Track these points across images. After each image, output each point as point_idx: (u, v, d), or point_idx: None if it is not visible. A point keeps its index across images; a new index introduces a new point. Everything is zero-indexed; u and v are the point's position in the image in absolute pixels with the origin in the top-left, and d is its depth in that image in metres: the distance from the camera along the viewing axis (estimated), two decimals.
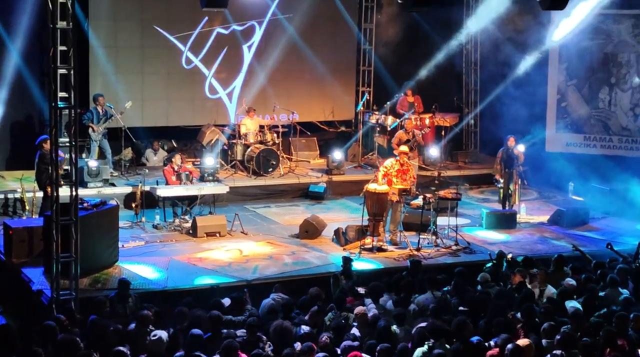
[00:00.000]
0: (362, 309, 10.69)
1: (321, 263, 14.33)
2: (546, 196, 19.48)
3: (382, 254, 14.85)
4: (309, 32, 20.34)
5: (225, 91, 20.25)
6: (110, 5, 18.81)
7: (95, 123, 17.62)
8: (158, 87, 19.59)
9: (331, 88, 21.04)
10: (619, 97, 19.80)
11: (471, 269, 13.01)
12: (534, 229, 16.84)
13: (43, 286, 12.50)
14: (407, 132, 18.38)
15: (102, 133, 17.82)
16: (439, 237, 15.39)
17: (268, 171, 18.68)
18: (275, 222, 16.84)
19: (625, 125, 19.80)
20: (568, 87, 20.21)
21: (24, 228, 13.72)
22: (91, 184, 16.93)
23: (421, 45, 20.96)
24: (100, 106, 17.75)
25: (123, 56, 19.17)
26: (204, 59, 19.88)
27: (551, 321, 10.26)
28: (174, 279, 13.28)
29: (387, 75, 21.23)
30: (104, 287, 12.74)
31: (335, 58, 21.04)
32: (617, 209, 17.83)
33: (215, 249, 14.87)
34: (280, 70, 20.33)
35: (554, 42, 19.80)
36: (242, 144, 18.92)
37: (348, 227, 15.39)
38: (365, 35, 21.38)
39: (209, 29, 19.75)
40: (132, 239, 15.06)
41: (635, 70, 19.57)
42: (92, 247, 12.91)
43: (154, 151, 19.39)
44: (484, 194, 19.50)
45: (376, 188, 15.03)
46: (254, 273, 13.71)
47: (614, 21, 19.54)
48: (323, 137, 21.24)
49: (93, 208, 13.28)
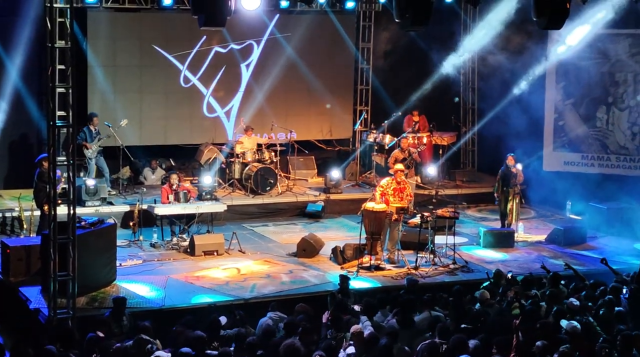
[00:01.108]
0: (358, 327, 10.67)
1: (319, 282, 14.32)
2: (544, 214, 19.49)
3: (379, 272, 14.84)
4: (306, 51, 20.40)
5: (223, 110, 20.29)
6: (109, 25, 18.87)
7: (89, 142, 17.65)
8: (156, 105, 19.63)
9: (329, 107, 21.08)
10: (617, 116, 19.84)
11: (469, 288, 12.99)
12: (532, 248, 16.84)
13: (40, 304, 12.48)
14: (402, 150, 18.40)
15: (98, 151, 17.84)
16: (436, 255, 15.38)
17: (266, 190, 18.69)
18: (273, 241, 16.83)
19: (623, 144, 19.82)
20: (565, 106, 20.24)
21: (22, 247, 13.71)
22: (89, 203, 16.92)
23: (419, 64, 21.02)
24: (93, 126, 17.79)
25: (121, 75, 19.22)
26: (202, 78, 19.93)
27: (548, 339, 10.23)
28: (172, 297, 13.26)
29: (385, 94, 21.27)
30: (102, 306, 12.72)
31: (332, 77, 21.10)
32: (615, 228, 17.83)
33: (213, 268, 14.86)
34: (278, 89, 20.37)
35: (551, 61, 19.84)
36: (240, 162, 18.93)
37: (346, 245, 15.39)
38: (362, 54, 21.45)
39: (207, 47, 19.81)
40: (129, 258, 15.05)
41: (632, 89, 19.61)
42: (89, 266, 12.89)
43: (152, 170, 19.40)
44: (481, 212, 19.50)
45: (374, 207, 15.04)
46: (252, 292, 13.70)
47: (611, 41, 19.59)
48: (321, 156, 21.25)
49: (91, 227, 13.28)
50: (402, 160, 17.82)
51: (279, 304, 12.20)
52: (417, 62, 21.05)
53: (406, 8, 12.86)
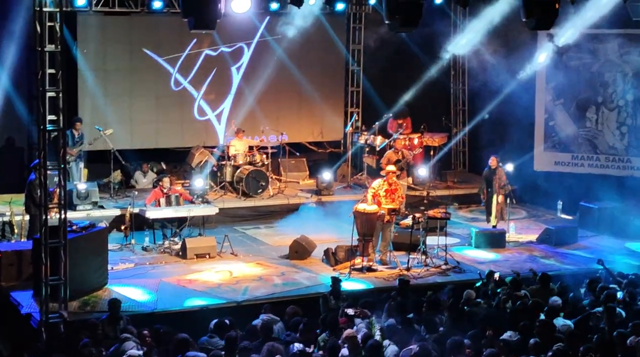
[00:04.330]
0: (351, 331, 10.68)
1: (311, 284, 14.33)
2: (535, 214, 19.53)
3: (372, 274, 14.86)
4: (297, 53, 20.41)
5: (214, 113, 20.29)
6: (99, 28, 18.84)
7: (70, 146, 17.56)
8: (147, 109, 19.61)
9: (320, 109, 21.12)
10: (606, 116, 19.90)
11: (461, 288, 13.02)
12: (523, 248, 16.88)
13: (32, 309, 12.46)
14: (396, 152, 18.42)
15: (77, 156, 17.79)
16: (428, 256, 15.41)
17: (257, 192, 18.68)
18: (265, 243, 16.83)
19: (612, 144, 19.88)
20: (556, 107, 20.29)
21: (13, 252, 13.69)
22: (80, 207, 16.89)
23: (409, 65, 21.05)
24: (76, 130, 17.74)
25: (112, 79, 19.20)
26: (192, 81, 19.92)
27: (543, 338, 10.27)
28: (164, 301, 13.26)
29: (376, 96, 21.28)
30: (94, 309, 12.71)
31: (323, 79, 21.12)
32: (606, 228, 17.88)
33: (205, 271, 14.85)
34: (269, 92, 20.38)
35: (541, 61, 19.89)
36: (232, 165, 18.93)
37: (338, 247, 15.40)
38: (353, 56, 21.47)
39: (198, 51, 19.80)
40: (121, 262, 15.03)
41: (621, 89, 19.67)
42: (81, 270, 12.89)
43: (143, 173, 19.38)
44: (473, 213, 19.53)
45: (365, 208, 15.06)
46: (244, 294, 13.70)
47: (600, 41, 19.66)
48: (312, 158, 21.27)
49: (82, 231, 13.28)
50: (395, 161, 17.85)
51: (271, 306, 12.21)
52: (407, 64, 21.07)
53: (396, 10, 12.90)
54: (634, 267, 15.04)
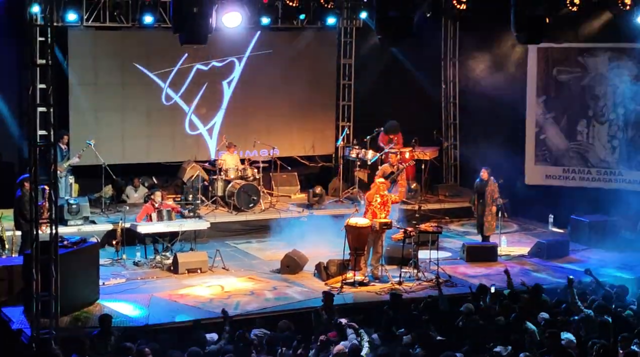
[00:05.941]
0: (341, 347, 10.65)
1: (303, 298, 14.30)
2: (526, 228, 19.54)
3: (363, 288, 14.83)
4: (288, 67, 20.44)
5: (205, 127, 20.28)
6: (90, 43, 18.84)
7: (60, 161, 17.47)
8: (138, 124, 19.60)
9: (311, 123, 21.14)
10: (597, 129, 19.95)
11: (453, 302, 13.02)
12: (515, 262, 16.88)
13: (23, 325, 12.41)
14: (391, 165, 18.44)
15: (66, 171, 17.72)
16: (420, 270, 15.40)
17: (249, 207, 18.66)
18: (257, 258, 16.80)
19: (603, 157, 19.92)
20: (546, 120, 20.34)
21: (4, 267, 13.63)
22: (71, 222, 16.85)
23: (400, 79, 21.08)
24: (63, 143, 17.67)
25: (103, 93, 19.17)
26: (183, 96, 19.92)
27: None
28: (155, 316, 13.21)
29: (367, 110, 21.31)
30: (85, 325, 12.66)
31: (314, 93, 21.14)
32: (597, 241, 17.91)
33: (197, 286, 14.82)
34: (260, 106, 20.41)
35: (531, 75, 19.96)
36: (223, 179, 18.90)
37: (329, 261, 15.38)
38: (344, 70, 21.50)
39: (189, 65, 19.81)
40: (112, 277, 14.99)
41: (612, 103, 19.73)
42: (72, 285, 12.83)
43: (135, 188, 19.34)
44: (464, 227, 19.52)
45: (357, 222, 15.05)
46: (236, 309, 13.66)
47: (590, 54, 19.74)
48: (304, 172, 21.26)
49: (73, 246, 13.23)
50: (390, 174, 17.88)
51: (263, 321, 12.18)
52: (398, 78, 21.10)
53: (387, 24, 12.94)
54: (625, 280, 15.03)
